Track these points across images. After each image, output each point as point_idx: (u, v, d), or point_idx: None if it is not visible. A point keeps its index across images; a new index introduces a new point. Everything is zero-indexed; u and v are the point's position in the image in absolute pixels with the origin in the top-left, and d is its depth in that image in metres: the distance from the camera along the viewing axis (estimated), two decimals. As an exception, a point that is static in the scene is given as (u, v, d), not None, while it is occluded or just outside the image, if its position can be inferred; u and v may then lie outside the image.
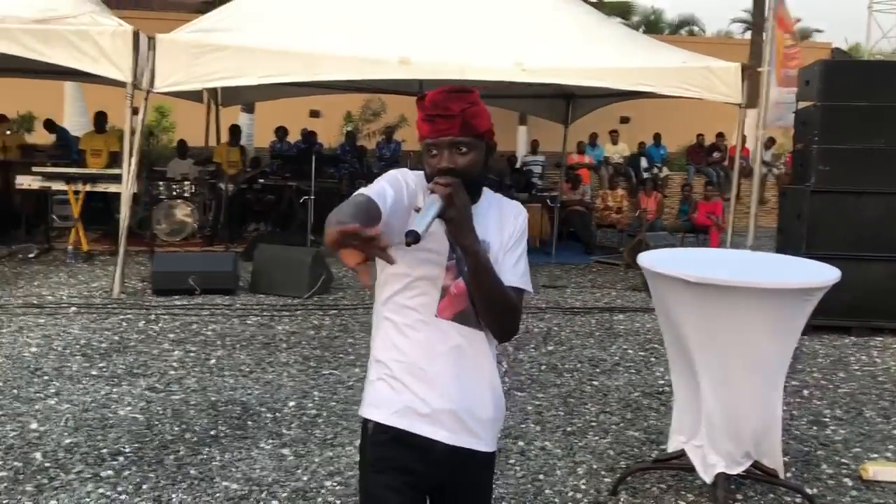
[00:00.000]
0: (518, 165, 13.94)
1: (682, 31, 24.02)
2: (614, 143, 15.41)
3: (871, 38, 39.65)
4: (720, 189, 13.27)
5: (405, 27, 7.98)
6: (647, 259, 3.22)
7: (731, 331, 3.01)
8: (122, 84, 7.21)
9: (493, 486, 3.43)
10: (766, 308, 2.95)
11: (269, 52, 7.33)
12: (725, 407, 3.18)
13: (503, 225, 1.86)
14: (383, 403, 1.85)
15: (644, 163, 15.11)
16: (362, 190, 1.71)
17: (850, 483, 3.71)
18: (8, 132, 10.39)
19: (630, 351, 5.90)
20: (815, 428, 4.42)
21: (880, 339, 6.47)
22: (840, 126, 6.50)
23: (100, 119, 10.72)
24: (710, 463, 3.24)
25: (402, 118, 16.17)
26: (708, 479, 3.26)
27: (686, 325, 3.14)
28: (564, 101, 13.03)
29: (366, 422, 1.88)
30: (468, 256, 1.72)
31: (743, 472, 3.33)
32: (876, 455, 4.05)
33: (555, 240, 10.16)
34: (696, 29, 24.08)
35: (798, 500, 3.48)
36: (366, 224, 1.48)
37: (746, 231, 12.42)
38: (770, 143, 14.39)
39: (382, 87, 12.37)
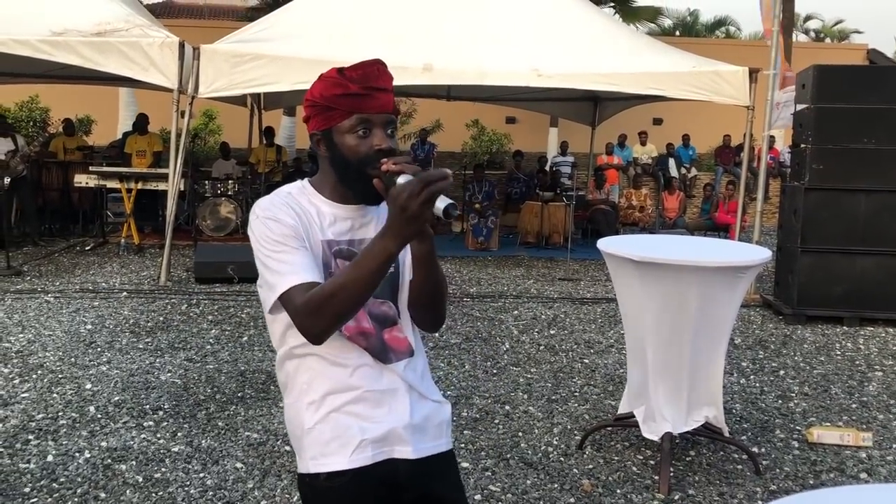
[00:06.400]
0: (547, 166, 14.41)
1: (718, 32, 24.18)
2: (643, 144, 15.79)
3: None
4: (748, 189, 13.56)
5: (429, 36, 8.56)
6: (603, 243, 3.73)
7: (671, 302, 3.50)
8: (170, 90, 7.94)
9: (476, 439, 4.01)
10: (700, 282, 3.43)
11: (302, 60, 7.95)
12: (670, 370, 3.66)
13: None
14: (333, 449, 1.64)
15: (673, 163, 15.46)
16: (295, 281, 1.52)
17: (796, 445, 4.16)
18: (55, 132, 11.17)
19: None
20: (779, 401, 4.86)
21: (871, 328, 6.83)
22: (832, 127, 6.88)
23: (140, 121, 11.32)
24: (656, 423, 3.72)
25: (438, 122, 16.77)
26: (655, 437, 3.74)
27: (634, 298, 3.64)
28: (591, 104, 13.53)
29: (313, 476, 1.65)
30: (426, 239, 1.60)
31: (691, 431, 3.80)
32: (828, 424, 4.49)
33: (570, 236, 10.59)
34: (732, 29, 24.24)
35: (745, 457, 3.94)
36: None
37: (771, 230, 12.71)
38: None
39: (413, 92, 13.01)
